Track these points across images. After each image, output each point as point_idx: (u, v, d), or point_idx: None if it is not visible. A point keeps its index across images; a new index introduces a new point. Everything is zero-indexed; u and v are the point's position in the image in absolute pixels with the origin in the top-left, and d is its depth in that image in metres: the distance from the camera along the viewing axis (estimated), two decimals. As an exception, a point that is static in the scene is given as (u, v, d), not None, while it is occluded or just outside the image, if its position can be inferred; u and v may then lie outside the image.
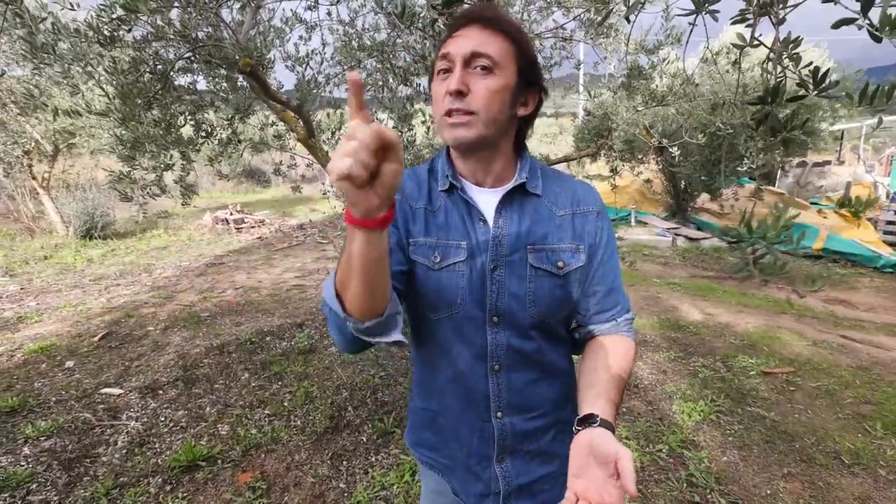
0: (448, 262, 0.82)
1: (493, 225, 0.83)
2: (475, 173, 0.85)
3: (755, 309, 4.48)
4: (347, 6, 2.76)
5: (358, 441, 2.45)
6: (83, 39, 1.97)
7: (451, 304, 0.83)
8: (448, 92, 0.74)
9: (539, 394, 0.89)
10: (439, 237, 0.83)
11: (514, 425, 0.88)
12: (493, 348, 0.84)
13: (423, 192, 0.87)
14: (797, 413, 2.68)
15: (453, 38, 0.78)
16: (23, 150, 7.75)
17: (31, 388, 2.98)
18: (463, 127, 0.76)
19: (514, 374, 0.86)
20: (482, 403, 0.87)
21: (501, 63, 0.76)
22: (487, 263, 0.81)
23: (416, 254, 0.83)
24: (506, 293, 0.82)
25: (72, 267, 6.34)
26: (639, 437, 2.48)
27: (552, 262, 0.82)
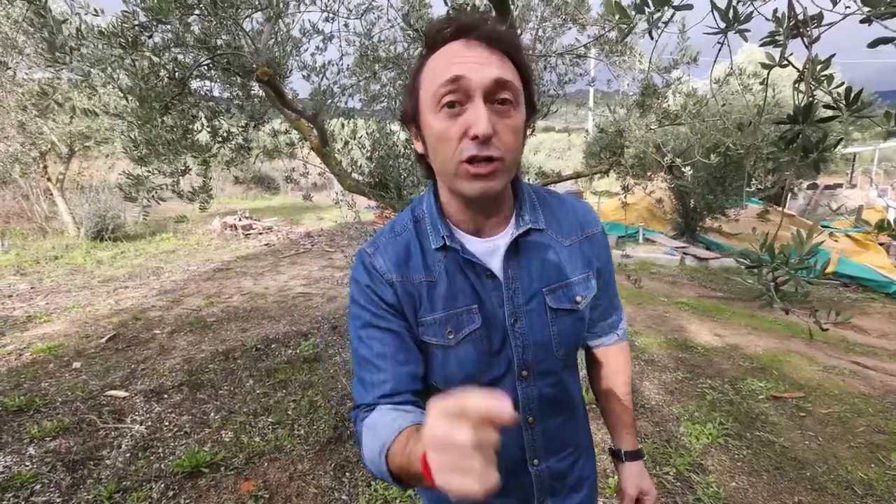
0: (464, 332, 0.74)
1: (504, 277, 0.74)
2: (475, 220, 0.74)
3: (765, 331, 4.42)
4: (364, 19, 2.81)
5: (361, 453, 2.43)
6: (106, 43, 2.02)
7: (477, 375, 0.75)
8: (474, 136, 0.61)
9: (567, 434, 0.87)
10: (447, 310, 0.74)
11: (550, 468, 0.85)
12: (525, 403, 0.78)
13: (418, 262, 0.75)
14: (808, 440, 2.63)
15: (455, 58, 0.63)
16: (39, 152, 7.88)
17: (38, 387, 2.99)
18: (489, 178, 0.64)
19: (546, 421, 0.82)
20: (518, 455, 0.83)
21: (520, 94, 0.66)
22: (506, 320, 0.74)
23: (427, 335, 0.74)
24: (531, 345, 0.75)
25: (81, 268, 6.40)
26: (645, 459, 2.43)
27: (570, 299, 0.77)
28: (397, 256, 0.75)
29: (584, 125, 10.76)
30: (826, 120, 0.76)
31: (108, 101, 2.75)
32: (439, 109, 0.63)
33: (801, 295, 0.82)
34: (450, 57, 0.63)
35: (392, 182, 2.58)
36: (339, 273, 6.28)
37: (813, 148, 0.74)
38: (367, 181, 2.77)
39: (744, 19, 0.70)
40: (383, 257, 0.76)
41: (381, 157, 2.75)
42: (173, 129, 2.55)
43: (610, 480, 2.25)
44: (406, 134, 2.82)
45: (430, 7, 2.39)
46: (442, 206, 0.75)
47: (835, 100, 0.73)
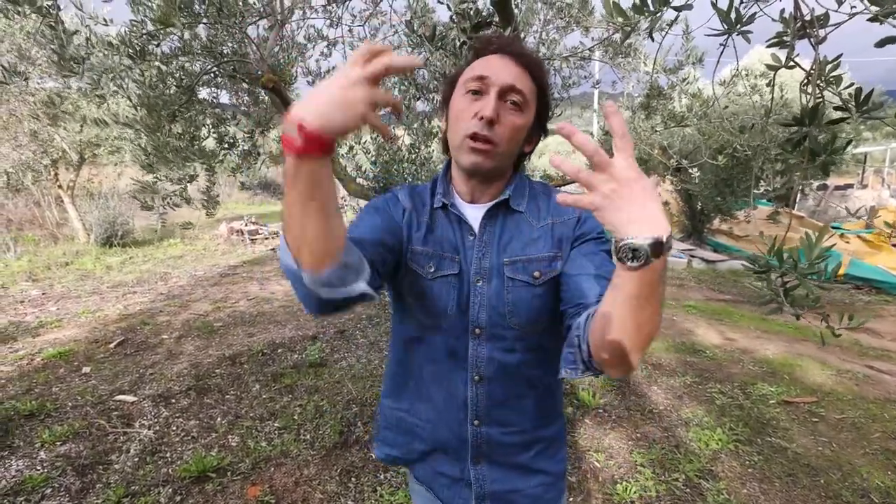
0: (441, 273, 0.86)
1: (478, 239, 0.87)
2: (473, 192, 0.89)
3: (775, 335, 4.37)
4: (368, 24, 2.83)
5: (367, 458, 2.42)
6: (115, 53, 2.04)
7: (440, 315, 0.87)
8: (481, 116, 0.77)
9: (521, 410, 0.91)
10: (434, 248, 0.87)
11: (490, 436, 0.91)
12: (473, 360, 0.87)
13: (426, 208, 0.91)
14: (821, 446, 2.58)
15: (487, 63, 0.81)
16: (51, 160, 7.99)
17: (49, 392, 3.02)
18: (483, 155, 0.80)
19: (495, 386, 0.88)
20: (461, 409, 0.90)
21: (529, 103, 0.82)
22: (472, 277, 0.86)
23: (413, 262, 0.87)
24: (487, 305, 0.85)
25: (91, 273, 6.46)
26: (654, 465, 2.41)
27: (528, 273, 0.84)
28: (416, 197, 0.92)
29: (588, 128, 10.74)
30: (835, 122, 0.74)
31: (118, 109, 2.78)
32: (464, 93, 0.81)
33: (811, 300, 0.80)
34: (485, 61, 0.82)
35: (396, 186, 2.58)
36: (345, 277, 6.29)
37: (821, 150, 0.73)
38: (372, 186, 2.77)
39: (746, 21, 0.69)
40: (403, 194, 0.93)
41: (385, 161, 2.76)
42: (181, 136, 2.57)
43: (618, 486, 2.23)
44: (410, 138, 2.83)
45: (434, 12, 2.40)
46: (451, 177, 0.92)
47: (844, 101, 0.72)
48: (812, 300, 0.78)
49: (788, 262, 0.78)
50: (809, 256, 0.80)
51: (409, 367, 0.96)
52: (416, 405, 0.96)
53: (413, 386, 0.96)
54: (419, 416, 0.96)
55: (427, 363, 0.92)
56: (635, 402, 3.02)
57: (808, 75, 0.80)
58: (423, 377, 0.93)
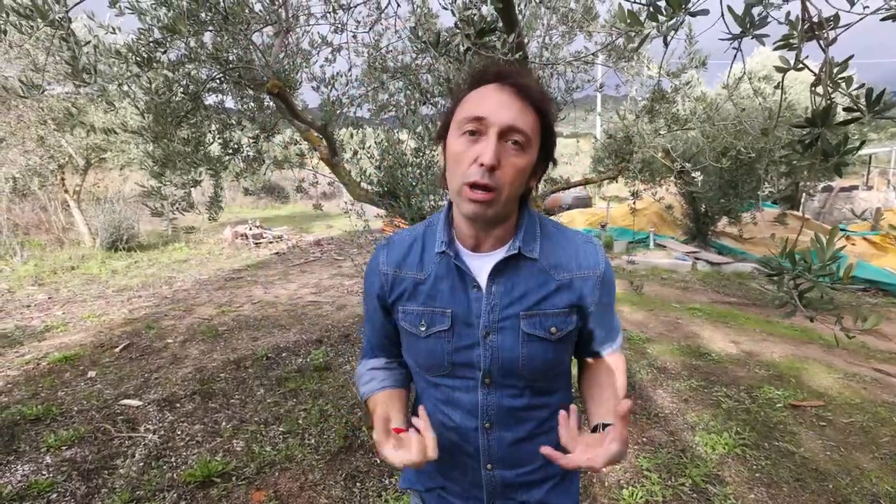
0: (433, 329, 0.84)
1: (486, 292, 0.82)
2: (476, 236, 0.83)
3: (780, 338, 4.34)
4: (373, 29, 2.84)
5: (372, 462, 2.42)
6: (122, 61, 2.06)
7: (439, 367, 0.86)
8: (480, 163, 0.72)
9: (531, 450, 0.88)
10: (426, 305, 0.85)
11: (505, 478, 0.90)
12: (484, 408, 0.86)
13: (415, 259, 0.87)
14: (829, 450, 2.56)
15: (485, 99, 0.75)
16: (58, 164, 8.06)
17: (54, 396, 3.03)
18: (482, 205, 0.75)
19: (505, 432, 0.87)
20: (473, 456, 0.89)
21: (532, 141, 0.76)
22: (480, 330, 0.82)
23: (405, 321, 0.87)
24: (499, 358, 0.83)
25: (97, 278, 6.50)
26: (660, 470, 2.39)
27: (545, 328, 0.82)
28: (398, 254, 0.89)
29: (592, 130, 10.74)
30: (846, 122, 0.74)
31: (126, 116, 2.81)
32: (461, 135, 0.75)
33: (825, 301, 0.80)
34: (482, 96, 0.75)
35: (401, 191, 2.58)
36: (348, 281, 6.31)
37: (833, 151, 0.73)
38: (377, 190, 2.78)
39: (759, 23, 0.69)
40: (387, 252, 0.90)
41: (389, 166, 2.76)
42: (187, 142, 2.59)
43: (625, 492, 2.22)
44: (415, 142, 2.83)
45: (437, 17, 2.42)
46: (452, 219, 0.86)
47: (854, 101, 0.72)
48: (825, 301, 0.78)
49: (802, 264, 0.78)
50: (822, 258, 0.80)
51: (425, 406, 0.93)
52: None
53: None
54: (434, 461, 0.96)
55: (438, 408, 0.90)
56: (641, 406, 3.01)
57: (818, 77, 0.80)
58: (437, 419, 0.90)
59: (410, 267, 0.87)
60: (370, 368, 0.95)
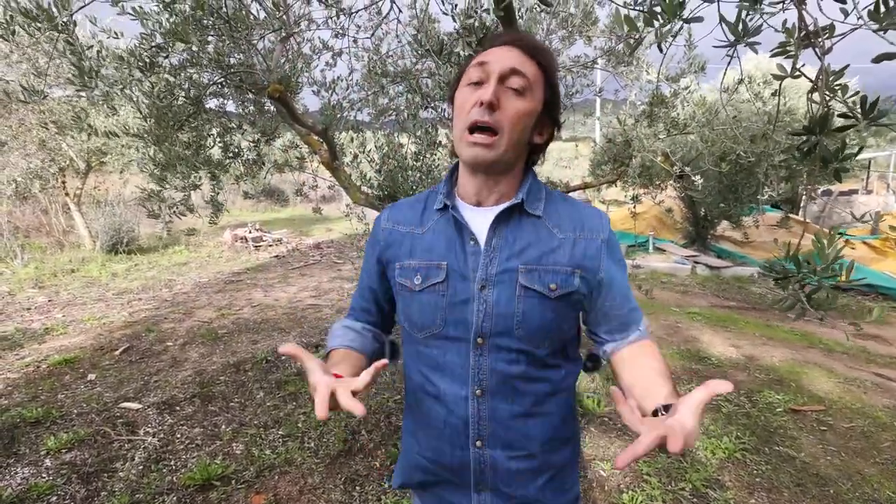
0: (428, 283, 0.83)
1: (485, 244, 0.81)
2: (479, 191, 0.83)
3: (780, 342, 4.34)
4: (374, 34, 2.85)
5: (371, 466, 2.42)
6: (125, 65, 2.08)
7: (430, 325, 0.83)
8: (480, 101, 0.73)
9: (527, 431, 0.83)
10: (422, 259, 0.84)
11: (495, 460, 0.84)
12: (475, 371, 0.81)
13: (416, 216, 0.89)
14: (829, 455, 2.56)
15: (489, 52, 0.78)
16: (59, 168, 8.07)
17: (54, 399, 3.03)
18: (483, 147, 0.75)
19: (498, 402, 0.82)
20: (461, 430, 0.83)
21: (534, 87, 0.77)
22: (475, 283, 0.80)
23: (401, 276, 0.86)
24: (492, 313, 0.80)
25: (97, 280, 6.50)
26: (660, 474, 2.39)
27: (544, 284, 0.79)
28: (399, 212, 0.91)
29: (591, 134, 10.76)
30: (842, 129, 0.75)
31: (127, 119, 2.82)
32: (466, 85, 0.78)
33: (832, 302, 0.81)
34: (487, 51, 0.79)
35: (401, 195, 2.59)
36: (347, 284, 6.30)
37: (832, 158, 0.74)
38: (377, 194, 2.79)
39: (753, 32, 0.70)
40: (391, 211, 0.93)
41: (389, 170, 2.78)
42: (188, 145, 2.60)
43: (625, 496, 2.21)
44: (415, 146, 2.85)
45: (438, 22, 2.43)
46: (457, 179, 0.87)
47: (850, 109, 0.72)
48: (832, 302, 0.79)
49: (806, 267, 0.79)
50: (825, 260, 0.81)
51: (414, 385, 0.91)
52: (417, 426, 0.92)
53: (415, 404, 0.92)
54: (420, 441, 0.91)
55: (426, 378, 0.87)
56: (640, 411, 3.01)
57: (815, 85, 0.81)
58: (425, 392, 0.87)
59: (410, 222, 0.88)
60: (345, 326, 0.94)
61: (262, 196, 17.46)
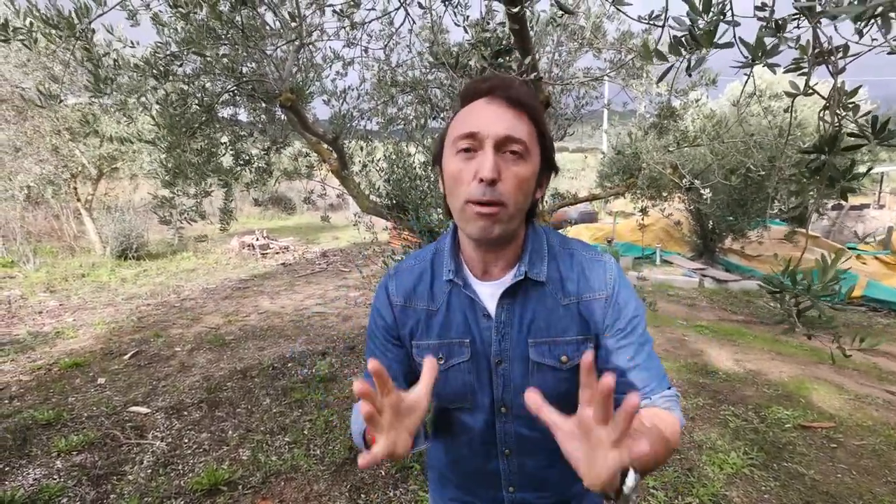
0: (453, 362, 0.82)
1: (496, 319, 0.80)
2: (485, 262, 0.80)
3: (789, 357, 4.29)
4: (385, 45, 2.90)
5: (377, 474, 2.41)
6: (140, 74, 2.13)
7: (461, 400, 0.84)
8: (481, 179, 0.68)
9: (551, 476, 0.88)
10: (442, 338, 0.82)
11: (526, 500, 0.90)
12: (502, 436, 0.85)
13: (425, 289, 0.84)
14: (840, 473, 2.52)
15: (475, 114, 0.72)
16: (70, 174, 8.20)
17: (65, 402, 3.06)
18: (489, 220, 0.70)
19: (525, 459, 0.86)
20: (494, 480, 0.89)
21: (530, 149, 0.72)
22: (492, 358, 0.81)
23: (420, 356, 0.83)
24: (511, 386, 0.81)
25: (107, 285, 6.57)
26: (667, 488, 2.36)
27: (555, 357, 0.78)
28: (408, 283, 0.85)
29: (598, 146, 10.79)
30: (852, 148, 0.76)
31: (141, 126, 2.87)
32: (456, 153, 0.72)
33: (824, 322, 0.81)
34: (471, 112, 0.73)
35: (409, 204, 2.61)
36: (354, 293, 6.32)
37: (840, 177, 0.75)
38: (385, 203, 2.81)
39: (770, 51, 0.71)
40: (397, 281, 0.87)
41: (398, 179, 2.80)
42: (199, 153, 2.65)
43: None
44: (423, 156, 2.87)
45: (448, 32, 2.47)
46: (458, 245, 0.83)
47: (861, 129, 0.73)
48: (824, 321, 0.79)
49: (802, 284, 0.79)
50: (823, 278, 0.81)
51: (443, 436, 0.94)
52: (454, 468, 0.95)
53: (450, 451, 0.94)
54: (454, 475, 0.96)
55: (456, 435, 0.90)
56: (648, 424, 2.98)
57: (828, 103, 0.81)
58: (457, 447, 0.91)
59: (421, 298, 0.84)
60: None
61: (269, 203, 17.60)
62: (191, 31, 2.08)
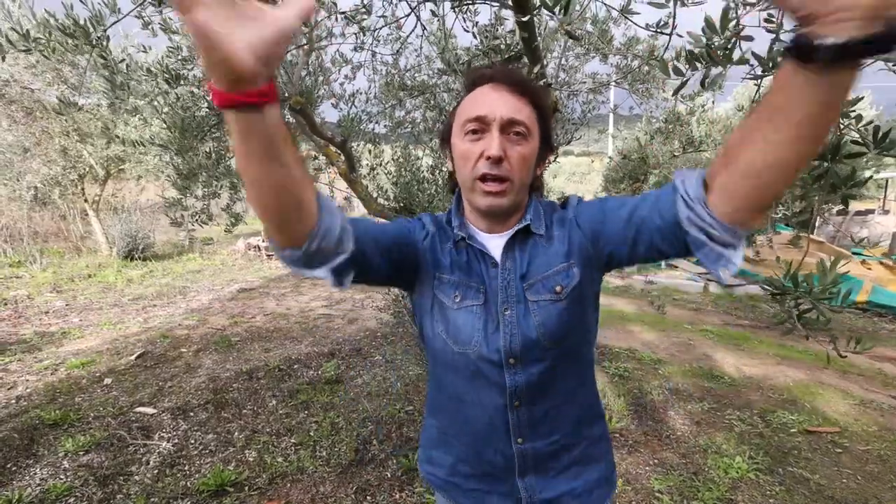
0: (466, 302, 0.85)
1: (501, 268, 0.85)
2: (490, 226, 0.87)
3: (794, 361, 4.28)
4: (393, 48, 2.92)
5: (382, 476, 2.42)
6: (153, 78, 2.16)
7: (465, 343, 0.85)
8: (488, 156, 0.76)
9: (559, 419, 0.90)
10: (460, 277, 0.86)
11: (536, 449, 0.90)
12: (512, 389, 0.86)
13: (448, 237, 0.90)
14: (845, 478, 2.51)
15: (482, 98, 0.80)
16: (78, 175, 8.26)
17: (72, 402, 3.08)
18: (497, 196, 0.79)
19: (535, 406, 0.87)
20: (502, 433, 0.89)
21: (532, 130, 0.80)
22: (500, 306, 0.84)
23: (439, 290, 0.87)
24: (518, 334, 0.83)
25: (113, 286, 6.61)
26: (672, 492, 2.37)
27: (549, 289, 0.83)
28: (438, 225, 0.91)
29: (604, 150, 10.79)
30: (853, 156, 0.77)
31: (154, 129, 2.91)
32: (464, 135, 0.80)
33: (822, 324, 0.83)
34: (478, 97, 0.80)
35: (417, 207, 2.64)
36: (359, 295, 6.35)
37: (842, 184, 0.76)
38: (393, 206, 2.83)
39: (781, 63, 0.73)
40: (427, 218, 0.93)
41: (406, 182, 2.82)
42: (209, 155, 2.68)
43: None
44: (431, 159, 2.89)
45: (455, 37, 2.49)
46: (463, 211, 0.90)
47: (863, 137, 0.75)
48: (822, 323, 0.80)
49: (803, 287, 0.81)
50: (823, 282, 0.83)
51: (447, 390, 0.95)
52: (456, 427, 0.96)
53: (452, 408, 0.95)
54: (461, 439, 0.95)
55: (463, 390, 0.91)
56: (652, 428, 2.98)
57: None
58: (462, 401, 0.92)
59: (447, 241, 0.89)
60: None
61: (274, 205, 17.63)
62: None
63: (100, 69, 1.82)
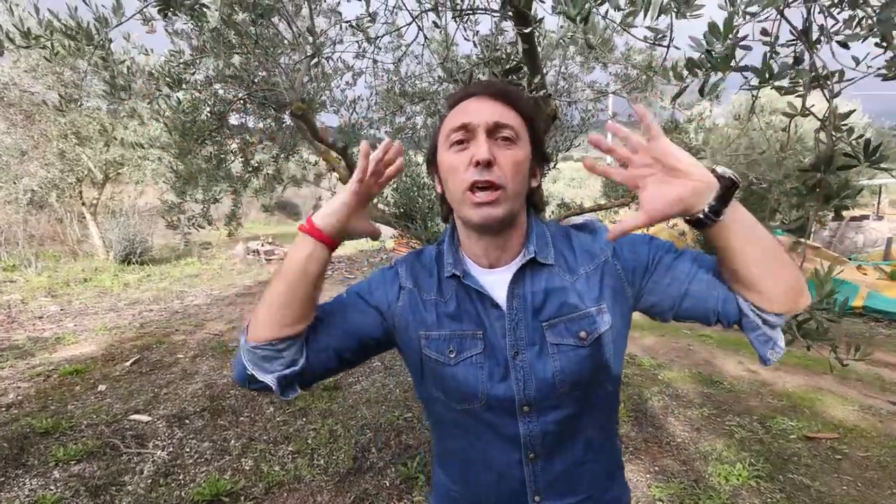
0: (464, 355, 0.78)
1: (507, 307, 0.77)
2: (487, 253, 0.79)
3: (794, 367, 4.29)
4: (394, 55, 2.93)
5: (381, 485, 2.40)
6: (154, 81, 2.15)
7: (471, 398, 0.78)
8: (476, 161, 0.70)
9: (582, 476, 0.82)
10: (452, 329, 0.79)
11: None
12: (527, 439, 0.78)
13: (434, 283, 0.82)
14: (845, 485, 2.51)
15: (465, 108, 0.75)
16: (76, 178, 8.23)
17: (64, 409, 3.04)
18: (490, 205, 0.71)
19: (552, 460, 0.80)
20: (517, 489, 0.81)
21: (521, 135, 0.75)
22: (508, 351, 0.76)
23: (430, 349, 0.79)
24: (532, 379, 0.76)
25: (109, 290, 6.57)
26: (673, 500, 2.35)
27: (573, 334, 0.76)
28: (418, 272, 0.85)
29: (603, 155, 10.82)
30: (845, 167, 0.78)
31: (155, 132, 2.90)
32: (449, 147, 0.75)
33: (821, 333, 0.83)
34: (461, 109, 0.76)
35: (417, 213, 2.63)
36: (357, 300, 6.33)
37: (835, 195, 0.77)
38: (393, 212, 2.83)
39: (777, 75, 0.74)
40: (406, 268, 0.86)
41: (405, 188, 2.82)
42: (209, 159, 2.67)
43: (637, 522, 2.17)
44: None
45: (456, 45, 2.49)
46: (459, 241, 0.83)
47: (854, 150, 0.75)
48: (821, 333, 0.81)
49: None
50: (820, 293, 0.83)
51: (451, 447, 0.87)
52: (465, 483, 0.87)
53: (459, 465, 0.87)
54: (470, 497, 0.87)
55: (471, 446, 0.82)
56: (653, 434, 2.97)
57: (823, 125, 0.84)
58: (469, 459, 0.83)
59: (430, 290, 0.82)
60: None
61: (274, 209, 17.63)
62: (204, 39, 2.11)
63: (100, 70, 1.81)
